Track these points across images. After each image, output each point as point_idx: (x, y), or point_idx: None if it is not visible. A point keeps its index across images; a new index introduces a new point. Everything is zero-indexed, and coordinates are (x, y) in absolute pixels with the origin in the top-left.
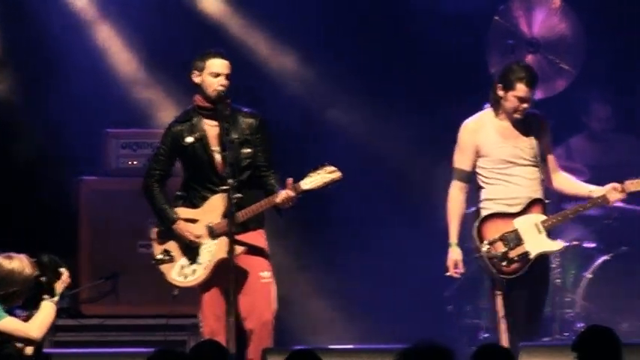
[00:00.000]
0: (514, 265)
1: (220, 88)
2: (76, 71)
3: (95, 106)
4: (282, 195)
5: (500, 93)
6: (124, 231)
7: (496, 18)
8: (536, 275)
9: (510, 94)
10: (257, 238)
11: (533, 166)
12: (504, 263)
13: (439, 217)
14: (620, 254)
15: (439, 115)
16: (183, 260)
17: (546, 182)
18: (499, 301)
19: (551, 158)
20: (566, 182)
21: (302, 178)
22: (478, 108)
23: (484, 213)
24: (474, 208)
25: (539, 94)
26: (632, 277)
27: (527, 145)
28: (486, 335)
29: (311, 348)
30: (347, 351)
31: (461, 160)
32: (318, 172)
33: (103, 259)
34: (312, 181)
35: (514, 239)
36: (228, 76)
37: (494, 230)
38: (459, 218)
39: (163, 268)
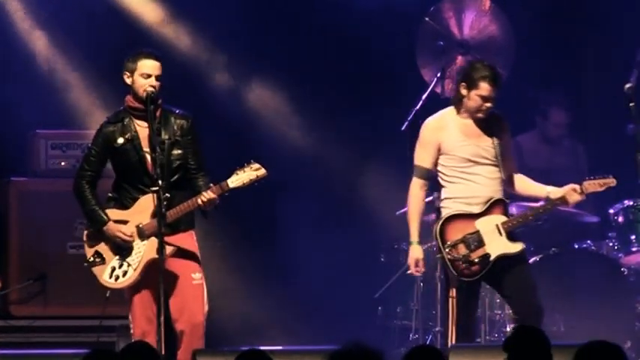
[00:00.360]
0: (474, 268)
1: (150, 89)
2: (6, 73)
3: (25, 107)
4: (203, 198)
5: (464, 92)
6: (53, 232)
7: (426, 19)
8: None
9: (474, 92)
10: (187, 239)
11: (494, 165)
12: (465, 266)
13: (371, 218)
14: (550, 256)
15: (368, 116)
16: (114, 262)
17: (506, 184)
18: (451, 304)
19: (510, 159)
20: (524, 184)
21: (229, 176)
22: (408, 109)
23: (445, 213)
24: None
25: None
26: (561, 279)
27: (489, 144)
28: (416, 336)
29: (240, 349)
30: (277, 352)
31: (422, 158)
32: (244, 169)
33: (32, 260)
34: (239, 178)
35: (475, 241)
36: (158, 77)
37: (455, 231)
38: (420, 216)
39: (95, 270)
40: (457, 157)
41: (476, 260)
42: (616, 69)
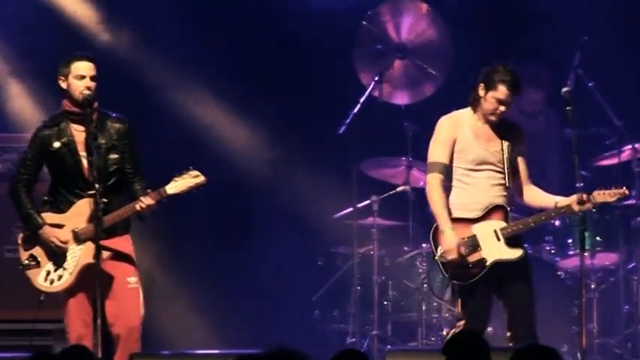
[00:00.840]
0: (469, 272)
1: (86, 91)
2: None
3: None
4: (142, 204)
5: (481, 93)
6: None
7: (364, 23)
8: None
9: (490, 94)
10: (123, 243)
11: (498, 172)
12: (459, 270)
13: (308, 222)
14: None
15: (306, 119)
16: (49, 265)
17: (516, 194)
18: (458, 306)
19: (523, 170)
20: (535, 195)
21: (167, 183)
22: (345, 114)
23: None
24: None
25: (405, 99)
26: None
27: (498, 149)
28: (353, 340)
29: (177, 352)
30: (213, 356)
31: (439, 154)
32: (183, 176)
33: None
34: (177, 185)
35: (470, 245)
36: (93, 78)
37: None
38: (446, 207)
39: (30, 273)
40: (464, 159)
41: (470, 264)
42: (554, 74)
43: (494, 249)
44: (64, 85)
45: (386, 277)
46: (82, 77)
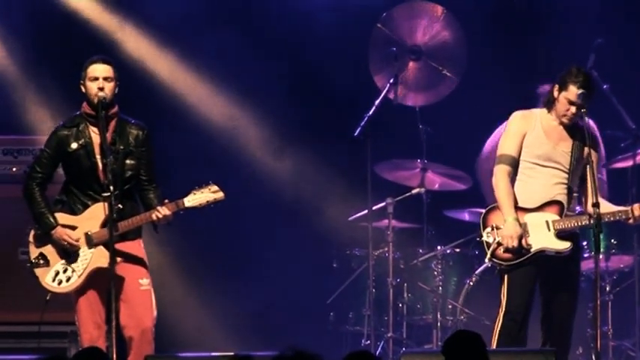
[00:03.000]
0: (510, 254)
1: (101, 93)
2: None
3: None
4: (158, 213)
5: (555, 94)
6: (4, 237)
7: (378, 26)
8: (564, 281)
9: (563, 95)
10: (135, 247)
11: (563, 171)
12: (501, 249)
13: (323, 225)
14: None
15: (321, 122)
16: (58, 266)
17: (582, 203)
18: (502, 291)
19: (588, 176)
20: (602, 207)
21: (186, 195)
22: (360, 117)
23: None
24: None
25: (420, 101)
26: None
27: (566, 150)
28: (368, 342)
29: (192, 354)
30: (228, 358)
31: (509, 146)
32: (202, 190)
33: None
34: (195, 199)
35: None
36: (108, 80)
37: (500, 218)
38: (512, 197)
39: (38, 271)
40: (531, 153)
41: (516, 245)
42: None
43: (543, 237)
44: (83, 89)
45: (401, 279)
46: (96, 79)
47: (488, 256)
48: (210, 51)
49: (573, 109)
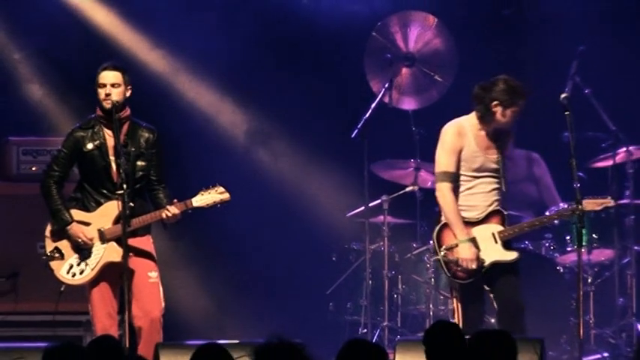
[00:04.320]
0: (466, 273)
1: (106, 98)
2: None
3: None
4: (167, 213)
5: (496, 109)
6: (24, 233)
7: (374, 34)
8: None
9: (510, 110)
10: (145, 242)
11: (495, 177)
12: (459, 269)
13: (323, 220)
14: None
15: (320, 123)
16: (72, 259)
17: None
18: (455, 305)
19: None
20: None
21: (194, 195)
22: (357, 119)
23: (444, 218)
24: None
25: (413, 105)
26: None
27: (495, 157)
28: (365, 331)
29: (199, 342)
30: (232, 346)
31: (448, 163)
32: (210, 191)
33: (3, 259)
34: (203, 199)
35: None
36: (115, 85)
37: (452, 236)
38: (460, 215)
39: (53, 264)
40: (468, 167)
41: (474, 263)
42: (553, 82)
43: (492, 251)
44: (97, 95)
45: (396, 271)
46: (104, 85)
47: (448, 275)
48: (221, 63)
49: (513, 116)
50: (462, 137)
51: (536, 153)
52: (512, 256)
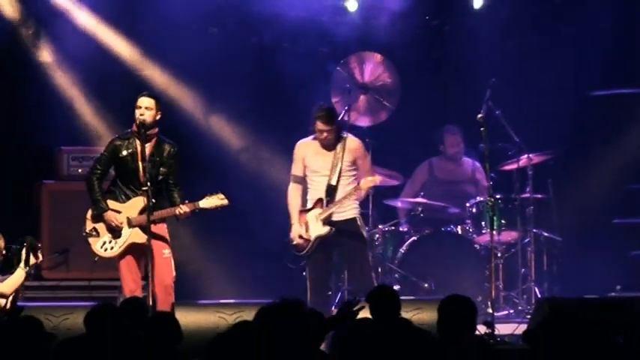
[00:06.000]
0: (300, 245)
1: (140, 117)
2: (42, 109)
3: (53, 131)
4: (180, 210)
5: (313, 127)
6: (72, 219)
7: (338, 68)
8: (348, 246)
9: (317, 127)
10: (161, 228)
11: (324, 175)
12: (299, 243)
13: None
14: (425, 235)
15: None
16: (106, 237)
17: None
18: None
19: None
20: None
21: (201, 198)
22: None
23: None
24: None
25: (366, 122)
26: (433, 252)
27: (330, 161)
28: (329, 293)
29: (208, 301)
30: (232, 305)
31: (297, 169)
32: (213, 196)
33: (58, 238)
34: (207, 202)
35: (307, 227)
36: (149, 109)
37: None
38: (297, 208)
39: (90, 240)
40: (310, 170)
41: (302, 240)
42: (472, 105)
43: (315, 228)
44: (134, 113)
45: None
46: (139, 107)
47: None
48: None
49: (325, 134)
50: (305, 148)
51: (478, 162)
52: (325, 230)
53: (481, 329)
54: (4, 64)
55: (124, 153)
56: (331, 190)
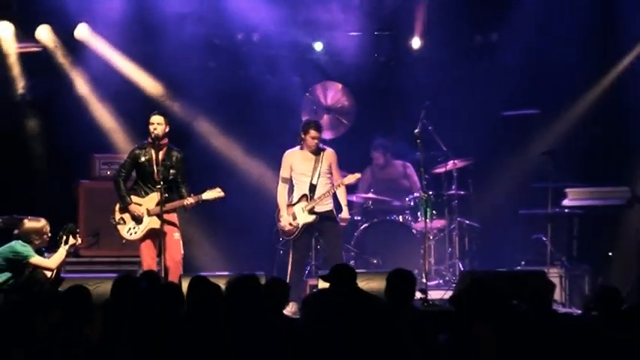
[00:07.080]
0: (289, 231)
1: (153, 131)
2: (78, 124)
3: (87, 141)
4: (187, 201)
5: (303, 136)
6: (103, 210)
7: (307, 94)
8: (327, 229)
9: (308, 136)
10: (172, 217)
11: (308, 177)
12: (287, 229)
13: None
14: (374, 223)
15: (270, 143)
16: (130, 224)
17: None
18: (290, 253)
19: (335, 176)
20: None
21: (203, 191)
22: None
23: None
24: None
25: (329, 135)
26: (380, 237)
27: (312, 165)
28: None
29: (208, 273)
30: (226, 277)
31: (284, 172)
32: (213, 190)
33: (91, 225)
34: (208, 195)
35: (293, 217)
36: (160, 124)
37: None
38: (286, 202)
39: (119, 227)
40: (296, 172)
41: (291, 227)
42: (411, 122)
43: (302, 217)
44: (148, 128)
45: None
46: (152, 123)
47: (282, 235)
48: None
49: (315, 141)
50: (291, 156)
51: (409, 163)
52: (311, 218)
53: (418, 295)
54: (47, 85)
55: (143, 159)
56: (313, 188)
